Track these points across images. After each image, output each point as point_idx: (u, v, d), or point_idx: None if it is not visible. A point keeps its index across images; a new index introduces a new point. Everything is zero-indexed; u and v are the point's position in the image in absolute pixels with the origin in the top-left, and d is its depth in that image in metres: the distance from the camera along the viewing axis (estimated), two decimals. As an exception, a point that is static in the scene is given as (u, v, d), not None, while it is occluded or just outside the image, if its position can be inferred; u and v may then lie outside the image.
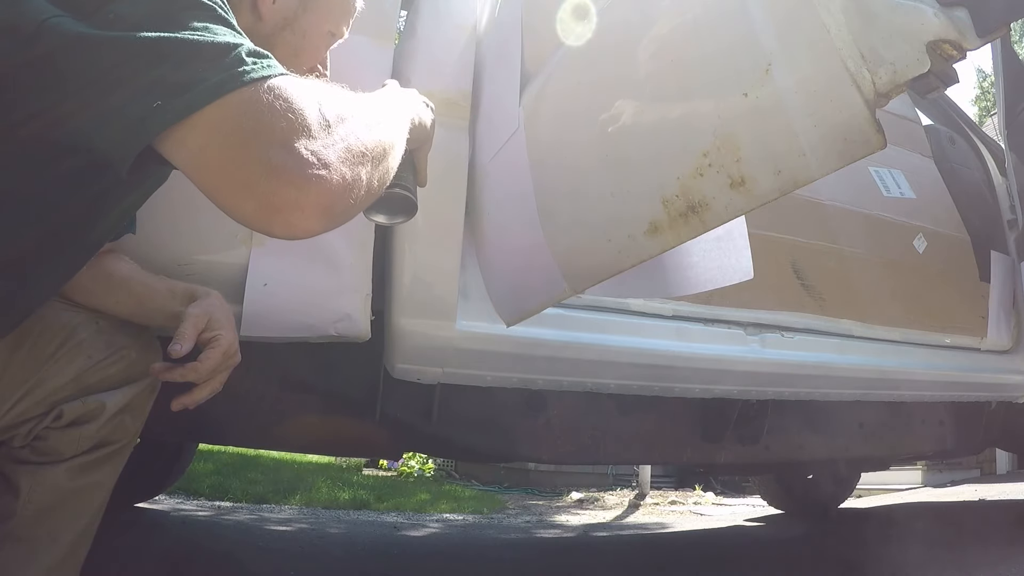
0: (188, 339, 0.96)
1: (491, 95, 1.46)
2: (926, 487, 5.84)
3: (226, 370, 1.01)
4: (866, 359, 2.05)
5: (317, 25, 1.05)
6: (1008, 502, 3.80)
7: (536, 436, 1.87)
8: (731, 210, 0.88)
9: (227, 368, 1.01)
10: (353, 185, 0.69)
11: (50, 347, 0.95)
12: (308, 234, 0.67)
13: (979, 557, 2.09)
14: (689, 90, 0.93)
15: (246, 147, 0.64)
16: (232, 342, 1.01)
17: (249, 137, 0.64)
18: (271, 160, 0.63)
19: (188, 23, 0.67)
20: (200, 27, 0.67)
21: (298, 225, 0.66)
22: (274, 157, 0.63)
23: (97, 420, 0.97)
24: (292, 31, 1.01)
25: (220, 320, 1.01)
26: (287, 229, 0.66)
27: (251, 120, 0.64)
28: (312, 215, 0.66)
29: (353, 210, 0.71)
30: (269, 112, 0.64)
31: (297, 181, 0.64)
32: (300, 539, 2.96)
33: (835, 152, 0.77)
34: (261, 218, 0.65)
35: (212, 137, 0.64)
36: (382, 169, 0.76)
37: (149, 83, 0.64)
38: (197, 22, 0.67)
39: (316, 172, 0.65)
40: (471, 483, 7.72)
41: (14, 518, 0.94)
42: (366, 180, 0.71)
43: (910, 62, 0.72)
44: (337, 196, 0.67)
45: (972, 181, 2.52)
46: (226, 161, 0.64)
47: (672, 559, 2.84)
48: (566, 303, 1.56)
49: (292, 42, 1.02)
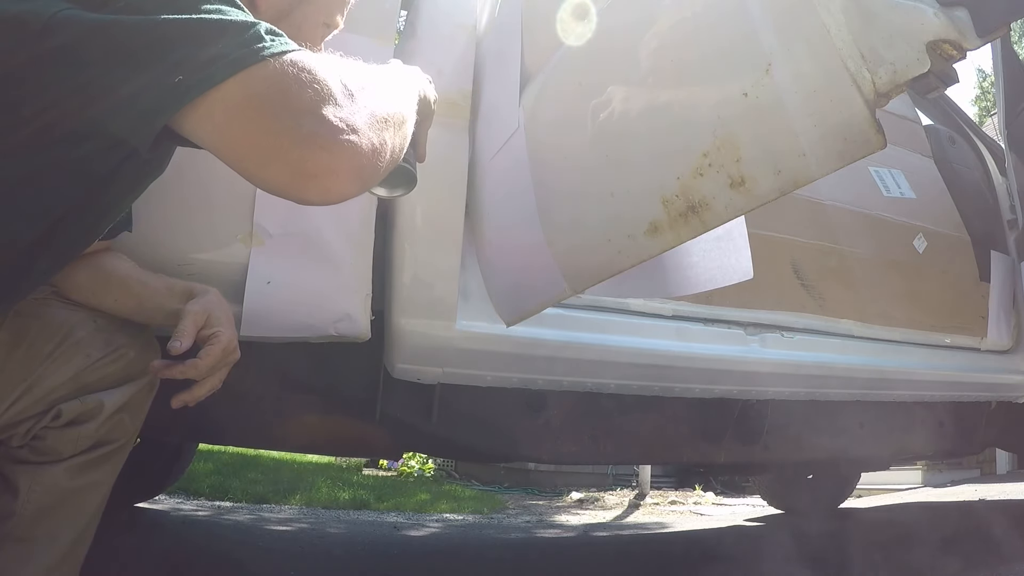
0: (187, 336, 0.96)
1: (491, 95, 1.46)
2: (926, 487, 5.84)
3: (226, 367, 1.01)
4: (866, 359, 2.05)
5: (313, 16, 1.05)
6: (1008, 502, 3.80)
7: (536, 436, 1.86)
8: (731, 210, 0.88)
9: (226, 365, 1.01)
10: (380, 149, 0.72)
11: (48, 346, 0.95)
12: (343, 197, 0.70)
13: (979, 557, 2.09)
14: (689, 90, 0.93)
15: (276, 117, 0.66)
16: (231, 339, 1.01)
17: (278, 107, 0.66)
18: (302, 128, 0.65)
19: (201, 5, 0.68)
20: (214, 9, 0.68)
21: (333, 189, 0.68)
22: (304, 125, 0.65)
23: (96, 419, 0.97)
24: (288, 22, 1.01)
25: (219, 317, 1.01)
26: (323, 194, 0.68)
27: (278, 91, 0.66)
28: (346, 178, 0.68)
29: (380, 173, 0.75)
30: (296, 82, 0.66)
31: (330, 146, 0.66)
32: (300, 539, 2.96)
33: (835, 152, 0.77)
34: (296, 185, 0.67)
35: (240, 110, 0.66)
36: (401, 135, 0.79)
37: (173, 64, 0.65)
38: (210, 4, 0.69)
39: (347, 137, 0.67)
40: (471, 483, 7.71)
41: (13, 518, 0.94)
42: (390, 144, 0.75)
43: (910, 62, 0.72)
44: (367, 159, 0.70)
45: (972, 181, 2.52)
46: (256, 131, 0.66)
47: (672, 559, 2.84)
48: (566, 303, 1.56)
49: (288, 33, 1.01)
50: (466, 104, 1.49)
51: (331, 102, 0.67)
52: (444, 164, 1.46)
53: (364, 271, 1.42)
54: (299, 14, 1.03)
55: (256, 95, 0.66)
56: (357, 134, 0.68)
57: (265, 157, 0.66)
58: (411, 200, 1.45)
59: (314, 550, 2.70)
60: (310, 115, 0.66)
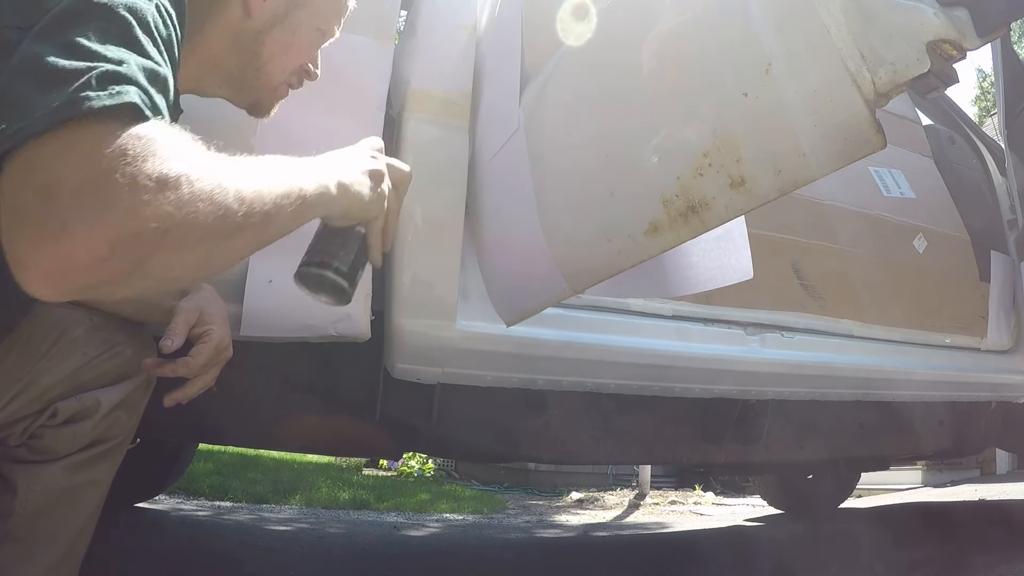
0: (179, 334, 0.96)
1: (491, 95, 1.46)
2: (926, 487, 5.85)
3: (218, 365, 1.01)
4: (866, 359, 2.05)
5: (307, 22, 1.03)
6: (1008, 502, 3.80)
7: (536, 436, 1.86)
8: (731, 210, 0.88)
9: (219, 363, 1.01)
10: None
11: (44, 345, 0.95)
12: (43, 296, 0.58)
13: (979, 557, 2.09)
14: (689, 90, 0.93)
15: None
16: (224, 336, 1.00)
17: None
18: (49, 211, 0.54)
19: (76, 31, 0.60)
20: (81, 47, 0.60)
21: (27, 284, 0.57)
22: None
23: (92, 417, 0.97)
24: (282, 28, 0.99)
25: (211, 314, 1.01)
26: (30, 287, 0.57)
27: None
28: (39, 279, 0.56)
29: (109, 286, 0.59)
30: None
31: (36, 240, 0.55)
32: (300, 539, 2.96)
33: (835, 152, 0.77)
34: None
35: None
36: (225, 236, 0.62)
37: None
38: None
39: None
40: (471, 483, 7.71)
41: (12, 517, 0.94)
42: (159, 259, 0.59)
43: (910, 62, 0.72)
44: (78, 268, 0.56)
45: (972, 181, 2.52)
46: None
47: (672, 559, 2.84)
48: (566, 303, 1.56)
49: (281, 39, 1.01)
50: (466, 104, 1.49)
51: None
52: (444, 164, 1.46)
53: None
54: (294, 19, 1.01)
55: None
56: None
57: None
58: (411, 200, 1.45)
59: (314, 550, 2.70)
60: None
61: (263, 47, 0.99)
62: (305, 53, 1.06)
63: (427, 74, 1.48)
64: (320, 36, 1.07)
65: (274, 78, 1.03)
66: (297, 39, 1.02)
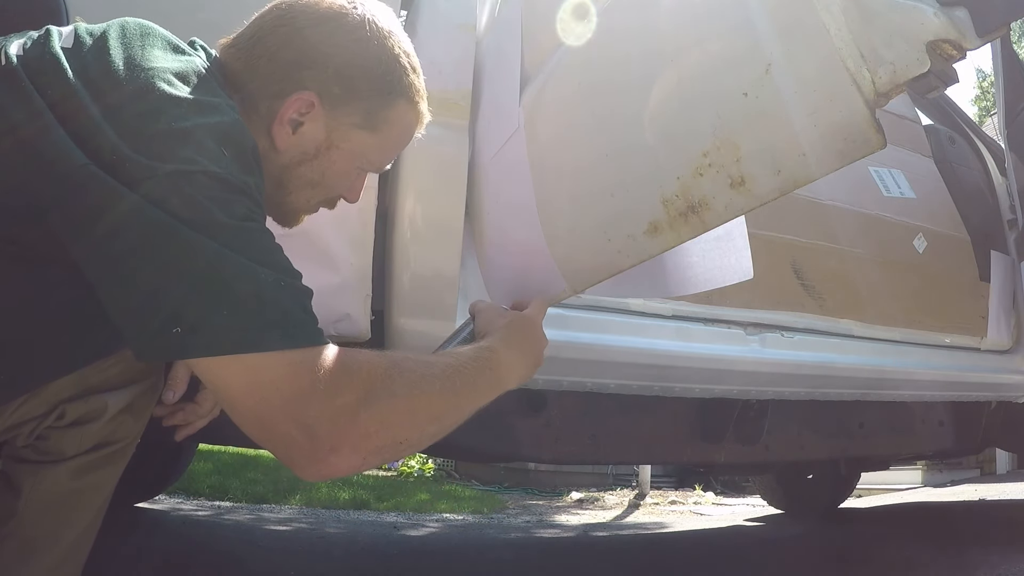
0: (179, 384, 0.98)
1: (491, 95, 1.46)
2: (926, 487, 5.85)
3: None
4: (866, 359, 2.05)
5: (342, 162, 0.94)
6: (1008, 502, 3.80)
7: (536, 436, 1.86)
8: (731, 210, 0.88)
9: None
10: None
11: None
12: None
13: (979, 557, 2.09)
14: (689, 90, 0.93)
15: (278, 409, 0.70)
16: None
17: (281, 400, 0.70)
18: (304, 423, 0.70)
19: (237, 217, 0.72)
20: (245, 266, 0.71)
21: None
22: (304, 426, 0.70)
23: (99, 420, 0.97)
24: (310, 167, 0.93)
25: None
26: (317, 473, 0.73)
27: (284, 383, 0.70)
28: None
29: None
30: (309, 379, 0.71)
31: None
32: (300, 539, 2.96)
33: (835, 152, 0.77)
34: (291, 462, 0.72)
35: (240, 390, 0.70)
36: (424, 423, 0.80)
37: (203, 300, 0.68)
38: (250, 221, 0.74)
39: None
40: (471, 483, 7.71)
41: (15, 517, 0.94)
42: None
43: (910, 62, 0.72)
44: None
45: (972, 181, 2.52)
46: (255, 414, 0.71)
47: (672, 559, 2.84)
48: (566, 303, 1.56)
49: (308, 177, 0.94)
50: (466, 104, 1.49)
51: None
52: (444, 164, 1.46)
53: (364, 271, 1.42)
54: (325, 159, 0.93)
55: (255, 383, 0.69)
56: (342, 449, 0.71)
57: (262, 432, 0.71)
58: (411, 200, 1.45)
59: (314, 550, 2.70)
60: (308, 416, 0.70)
61: (290, 181, 0.93)
62: (336, 190, 0.99)
63: (427, 74, 1.48)
64: (360, 173, 1.00)
65: (300, 206, 0.98)
66: (327, 179, 0.95)
